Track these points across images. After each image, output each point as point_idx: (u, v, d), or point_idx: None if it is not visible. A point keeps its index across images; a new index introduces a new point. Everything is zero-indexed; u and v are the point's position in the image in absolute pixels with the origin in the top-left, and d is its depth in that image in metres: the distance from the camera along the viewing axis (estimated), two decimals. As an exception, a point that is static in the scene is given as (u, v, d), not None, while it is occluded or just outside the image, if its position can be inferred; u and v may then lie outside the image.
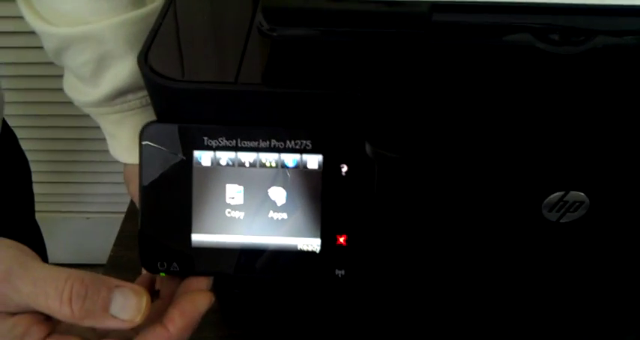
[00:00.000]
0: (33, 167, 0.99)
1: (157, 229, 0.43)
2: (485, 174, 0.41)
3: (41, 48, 0.59)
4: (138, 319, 0.37)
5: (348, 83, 0.40)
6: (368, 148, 0.39)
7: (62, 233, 1.59)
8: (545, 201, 0.44)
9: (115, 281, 0.38)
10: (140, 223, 0.43)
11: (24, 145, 0.96)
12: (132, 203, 0.77)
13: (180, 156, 0.42)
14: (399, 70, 0.40)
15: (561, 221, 0.45)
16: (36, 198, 1.02)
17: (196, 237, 0.43)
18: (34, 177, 1.01)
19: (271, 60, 0.42)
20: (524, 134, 0.41)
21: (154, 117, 0.58)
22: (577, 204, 0.44)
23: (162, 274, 0.43)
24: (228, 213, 0.42)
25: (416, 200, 0.42)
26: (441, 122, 0.39)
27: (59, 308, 0.35)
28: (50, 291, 0.35)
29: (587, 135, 0.41)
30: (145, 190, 0.43)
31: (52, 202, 1.58)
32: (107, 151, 0.63)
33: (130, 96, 0.58)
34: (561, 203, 0.44)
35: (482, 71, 0.40)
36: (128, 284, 0.38)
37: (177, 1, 0.47)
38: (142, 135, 0.42)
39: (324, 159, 0.41)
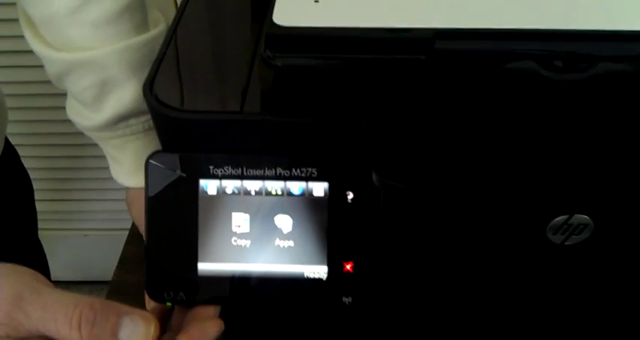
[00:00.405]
0: (34, 185, 0.99)
1: (164, 258, 0.42)
2: (490, 199, 0.41)
3: (42, 66, 0.58)
4: (151, 332, 0.37)
5: (352, 111, 0.40)
6: (375, 178, 0.39)
7: (61, 250, 1.58)
8: (549, 224, 0.44)
9: (124, 308, 0.38)
10: (146, 253, 0.43)
11: (25, 163, 0.95)
12: (134, 225, 0.77)
13: (186, 185, 0.42)
14: (403, 97, 0.40)
15: (566, 243, 0.45)
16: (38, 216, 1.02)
17: (203, 266, 0.42)
18: (35, 195, 1.01)
19: (276, 88, 0.42)
20: (529, 159, 0.41)
21: (156, 142, 0.58)
22: (581, 226, 0.44)
23: (169, 304, 0.43)
24: (235, 241, 0.42)
25: (422, 227, 0.42)
26: (446, 149, 0.39)
27: (68, 333, 0.35)
28: (60, 317, 0.35)
29: (591, 160, 0.41)
30: (150, 220, 0.42)
31: (51, 219, 1.57)
32: (106, 168, 0.63)
33: (132, 121, 0.58)
34: (566, 226, 0.44)
35: (486, 98, 0.40)
36: (137, 310, 0.38)
37: (180, 29, 0.48)
38: (148, 164, 0.42)
39: (330, 186, 0.41)
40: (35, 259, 1.02)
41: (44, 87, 1.24)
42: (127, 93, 0.56)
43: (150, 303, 0.63)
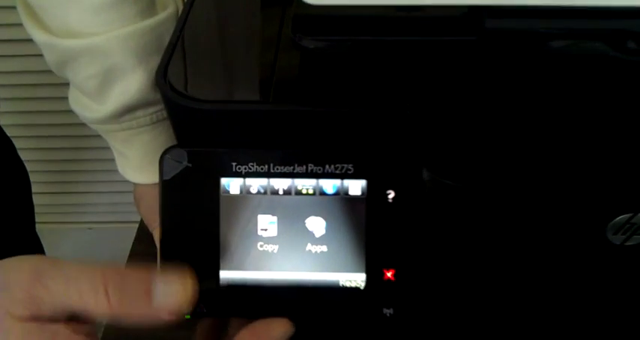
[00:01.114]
0: (32, 177, 0.98)
1: (180, 266, 0.38)
2: (548, 197, 0.37)
3: (39, 56, 0.54)
4: (185, 307, 0.34)
5: (394, 99, 0.35)
6: (425, 175, 0.35)
7: (65, 244, 1.56)
8: (609, 224, 0.40)
9: (155, 272, 0.34)
10: (161, 259, 0.39)
11: (22, 155, 0.93)
12: (142, 222, 0.73)
13: (206, 184, 0.38)
14: (451, 83, 0.36)
15: (626, 244, 0.41)
16: (36, 209, 1.00)
17: (225, 275, 0.39)
18: (34, 188, 0.98)
19: (306, 75, 0.37)
20: (590, 153, 0.36)
21: (166, 135, 0.56)
22: (644, 226, 0.39)
23: (188, 316, 0.39)
24: (261, 246, 0.38)
25: (475, 230, 0.37)
26: (502, 142, 0.34)
27: (95, 302, 0.32)
28: (84, 286, 0.32)
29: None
30: (166, 223, 0.39)
31: (54, 213, 1.56)
32: (109, 160, 0.60)
33: (139, 113, 0.54)
34: (627, 225, 0.40)
35: (544, 84, 0.35)
36: (170, 271, 0.35)
37: (195, 10, 0.43)
38: (162, 161, 0.38)
39: (369, 184, 0.38)
40: (33, 253, 0.98)
41: (41, 76, 1.25)
42: (133, 83, 0.52)
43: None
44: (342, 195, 0.38)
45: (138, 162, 0.59)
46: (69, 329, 0.33)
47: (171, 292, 0.34)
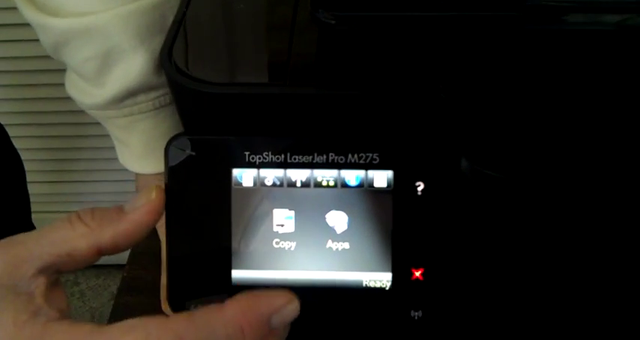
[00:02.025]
0: (28, 166, 0.97)
1: (189, 265, 0.36)
2: (600, 190, 0.33)
3: (34, 40, 0.51)
4: (153, 195, 0.33)
5: (426, 81, 0.32)
6: (464, 165, 0.31)
7: (62, 234, 1.52)
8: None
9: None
10: (168, 258, 0.36)
11: (17, 144, 0.91)
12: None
13: (216, 175, 0.35)
14: (490, 63, 0.32)
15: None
16: (33, 199, 0.99)
17: (238, 274, 0.36)
18: (30, 177, 0.98)
19: (327, 55, 0.34)
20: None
21: (169, 122, 0.53)
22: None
23: None
24: (277, 243, 0.36)
25: (515, 226, 0.34)
26: (549, 128, 0.31)
27: (72, 229, 0.32)
28: (58, 223, 0.33)
29: None
30: (172, 218, 0.36)
31: (51, 202, 1.53)
32: (107, 148, 0.57)
33: (140, 98, 0.51)
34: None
35: (594, 65, 0.32)
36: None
37: (203, -16, 0.39)
38: (168, 150, 0.36)
39: (395, 175, 0.35)
40: None
41: (36, 62, 1.22)
42: (134, 65, 0.48)
43: (167, 306, 0.56)
44: (366, 187, 0.35)
45: (139, 151, 0.56)
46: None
47: (138, 196, 0.34)
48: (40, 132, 1.38)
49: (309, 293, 0.36)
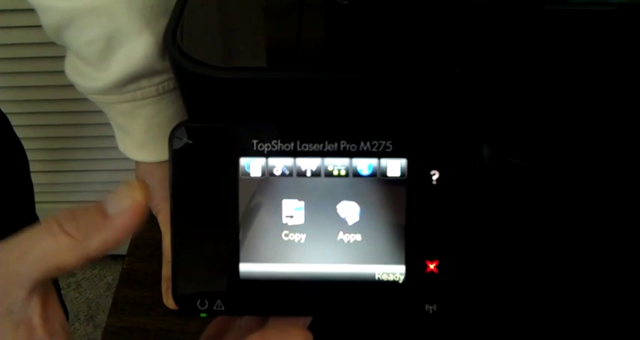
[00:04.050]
0: (29, 155, 0.93)
1: (195, 259, 0.35)
2: (630, 181, 0.32)
3: (34, 27, 0.49)
4: (139, 195, 0.30)
5: (443, 64, 0.30)
6: (486, 152, 0.30)
7: (63, 224, 1.51)
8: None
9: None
10: (173, 252, 0.34)
11: (18, 132, 0.90)
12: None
13: (223, 165, 0.34)
14: (509, 46, 0.30)
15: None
16: (35, 189, 0.97)
17: (246, 267, 0.35)
18: (31, 167, 0.95)
19: (338, 38, 0.32)
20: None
21: (173, 108, 0.52)
22: None
23: (203, 315, 0.35)
24: (286, 235, 0.34)
25: (539, 217, 0.32)
26: (578, 113, 0.29)
27: (55, 241, 0.29)
28: (38, 235, 0.30)
29: None
30: (177, 210, 0.34)
31: (49, 192, 1.52)
32: (107, 137, 0.55)
33: (144, 83, 0.50)
34: None
35: (622, 48, 0.30)
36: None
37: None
38: (172, 139, 0.34)
39: (410, 164, 0.33)
40: None
41: (38, 49, 1.19)
42: (138, 49, 0.47)
43: (169, 300, 0.55)
44: (379, 176, 0.34)
45: (141, 139, 0.55)
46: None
47: (121, 195, 0.31)
48: (37, 121, 1.37)
49: (319, 287, 0.35)
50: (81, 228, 0.30)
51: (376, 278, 0.35)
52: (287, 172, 0.34)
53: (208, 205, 0.34)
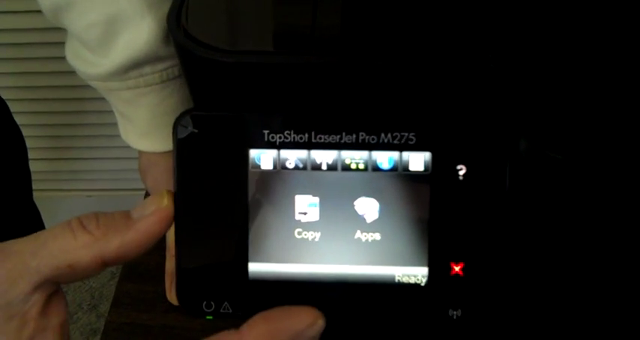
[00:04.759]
0: (28, 143, 0.92)
1: (201, 258, 0.33)
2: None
3: (34, 12, 0.47)
4: (165, 201, 0.30)
5: (473, 49, 0.28)
6: (522, 146, 0.27)
7: (62, 212, 1.51)
8: None
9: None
10: (177, 250, 0.33)
11: (17, 120, 0.90)
12: (147, 194, 0.66)
13: (231, 157, 0.32)
14: (549, 27, 0.28)
15: None
16: (33, 176, 0.96)
17: (255, 267, 0.33)
18: (30, 154, 0.94)
19: (358, 18, 0.29)
20: None
21: (178, 96, 0.50)
22: None
23: (209, 317, 0.34)
24: (299, 234, 0.32)
25: (575, 215, 0.30)
26: (622, 105, 0.27)
27: (72, 237, 0.29)
28: (57, 230, 0.29)
29: None
30: (182, 205, 0.32)
31: (51, 180, 1.53)
32: (110, 124, 0.53)
33: (147, 69, 0.49)
34: None
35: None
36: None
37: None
38: (177, 128, 0.32)
39: (434, 158, 0.31)
40: (31, 223, 0.99)
41: (38, 35, 1.18)
42: (141, 33, 0.46)
43: (173, 296, 0.53)
44: (400, 170, 0.32)
45: (143, 127, 0.53)
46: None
47: (147, 201, 0.30)
48: (38, 108, 1.36)
49: (334, 290, 0.33)
50: (101, 227, 0.29)
51: (396, 280, 0.33)
52: (301, 165, 0.32)
53: (215, 200, 0.32)
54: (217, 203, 0.32)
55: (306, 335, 0.28)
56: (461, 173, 0.32)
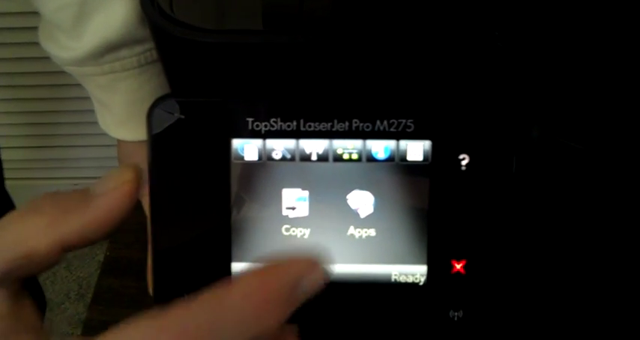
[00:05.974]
0: (9, 131, 0.88)
1: (179, 257, 0.31)
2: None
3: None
4: (129, 174, 0.26)
5: (478, 23, 0.26)
6: (535, 133, 0.25)
7: (48, 201, 1.48)
8: None
9: None
10: (153, 249, 0.31)
11: None
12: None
13: (212, 146, 0.30)
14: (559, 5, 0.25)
15: None
16: (18, 165, 0.94)
17: (238, 267, 0.31)
18: (12, 142, 0.91)
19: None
20: None
21: (157, 81, 0.47)
22: None
23: None
24: (287, 230, 0.31)
25: (587, 210, 0.28)
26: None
27: (28, 224, 0.26)
28: (8, 220, 0.26)
29: None
30: (157, 199, 0.30)
31: (37, 168, 1.50)
32: (91, 111, 0.52)
33: (124, 53, 0.46)
34: None
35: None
36: None
37: None
38: (152, 115, 0.30)
39: (434, 147, 0.30)
40: (3, 212, 0.91)
41: (13, 19, 1.16)
42: (116, 14, 0.44)
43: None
44: (397, 161, 0.30)
45: (121, 115, 0.51)
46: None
47: (110, 177, 0.27)
48: (19, 95, 1.33)
49: (326, 291, 0.30)
50: (58, 206, 0.26)
51: (393, 279, 0.31)
52: (288, 156, 0.30)
53: (194, 195, 0.30)
54: (196, 198, 0.30)
55: (304, 285, 0.25)
56: (463, 163, 0.30)
